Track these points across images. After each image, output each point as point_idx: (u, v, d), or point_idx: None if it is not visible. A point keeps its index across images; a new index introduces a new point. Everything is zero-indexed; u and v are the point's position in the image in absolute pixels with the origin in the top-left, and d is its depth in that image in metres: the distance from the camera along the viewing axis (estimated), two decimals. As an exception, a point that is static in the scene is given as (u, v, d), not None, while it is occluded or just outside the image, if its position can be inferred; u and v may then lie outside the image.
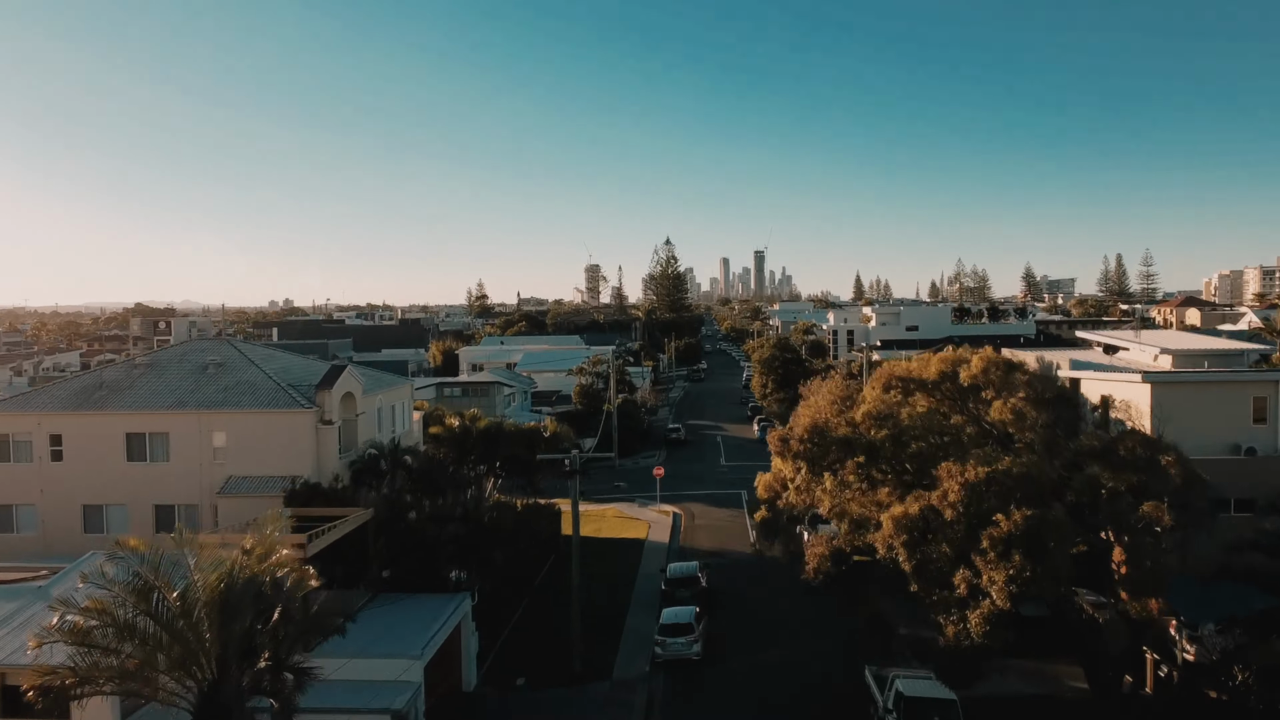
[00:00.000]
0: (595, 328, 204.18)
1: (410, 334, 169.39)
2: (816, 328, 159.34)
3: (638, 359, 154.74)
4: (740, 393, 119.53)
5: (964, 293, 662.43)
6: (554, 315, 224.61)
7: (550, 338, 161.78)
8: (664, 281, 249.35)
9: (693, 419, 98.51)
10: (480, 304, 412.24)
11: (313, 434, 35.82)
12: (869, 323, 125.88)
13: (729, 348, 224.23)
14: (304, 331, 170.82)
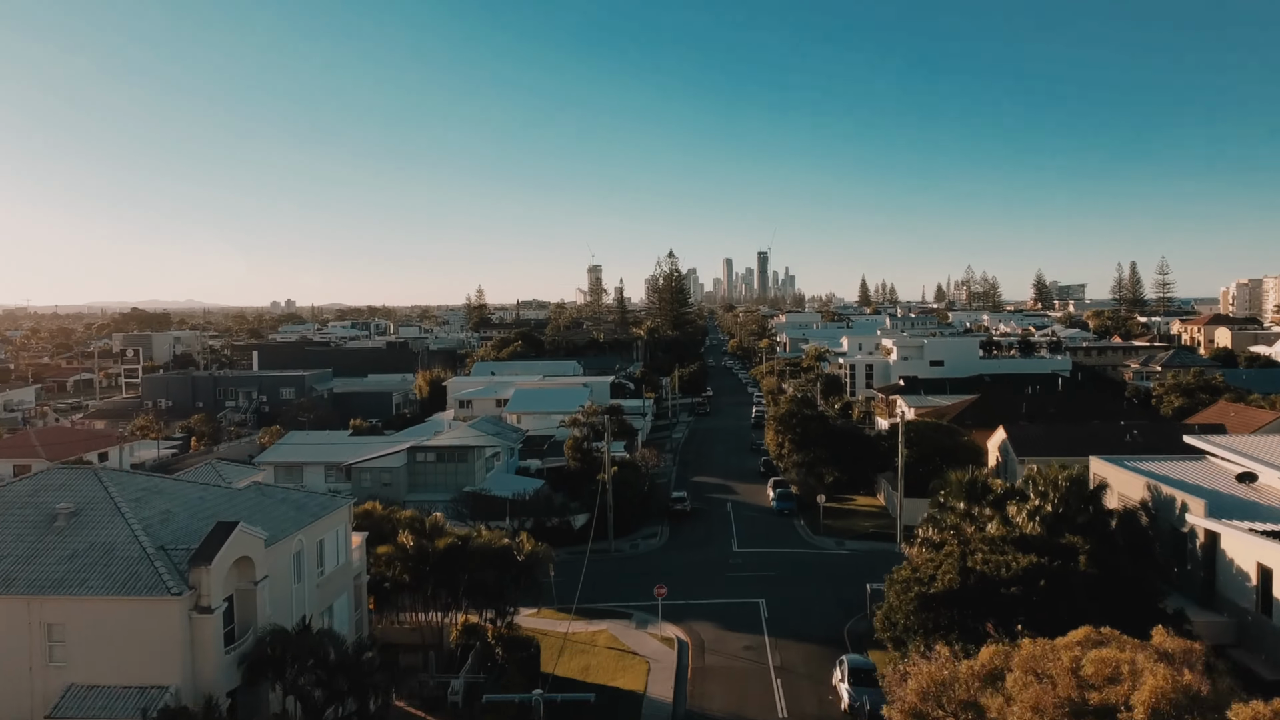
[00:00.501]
0: (595, 348, 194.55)
1: (398, 358, 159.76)
2: (829, 354, 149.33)
3: (639, 387, 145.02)
4: (750, 435, 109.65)
5: (972, 297, 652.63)
6: (552, 332, 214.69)
7: (546, 363, 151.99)
8: (667, 295, 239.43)
9: (699, 472, 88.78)
10: (479, 314, 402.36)
11: (184, 628, 26.03)
12: (889, 355, 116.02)
13: (734, 366, 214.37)
14: (285, 357, 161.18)
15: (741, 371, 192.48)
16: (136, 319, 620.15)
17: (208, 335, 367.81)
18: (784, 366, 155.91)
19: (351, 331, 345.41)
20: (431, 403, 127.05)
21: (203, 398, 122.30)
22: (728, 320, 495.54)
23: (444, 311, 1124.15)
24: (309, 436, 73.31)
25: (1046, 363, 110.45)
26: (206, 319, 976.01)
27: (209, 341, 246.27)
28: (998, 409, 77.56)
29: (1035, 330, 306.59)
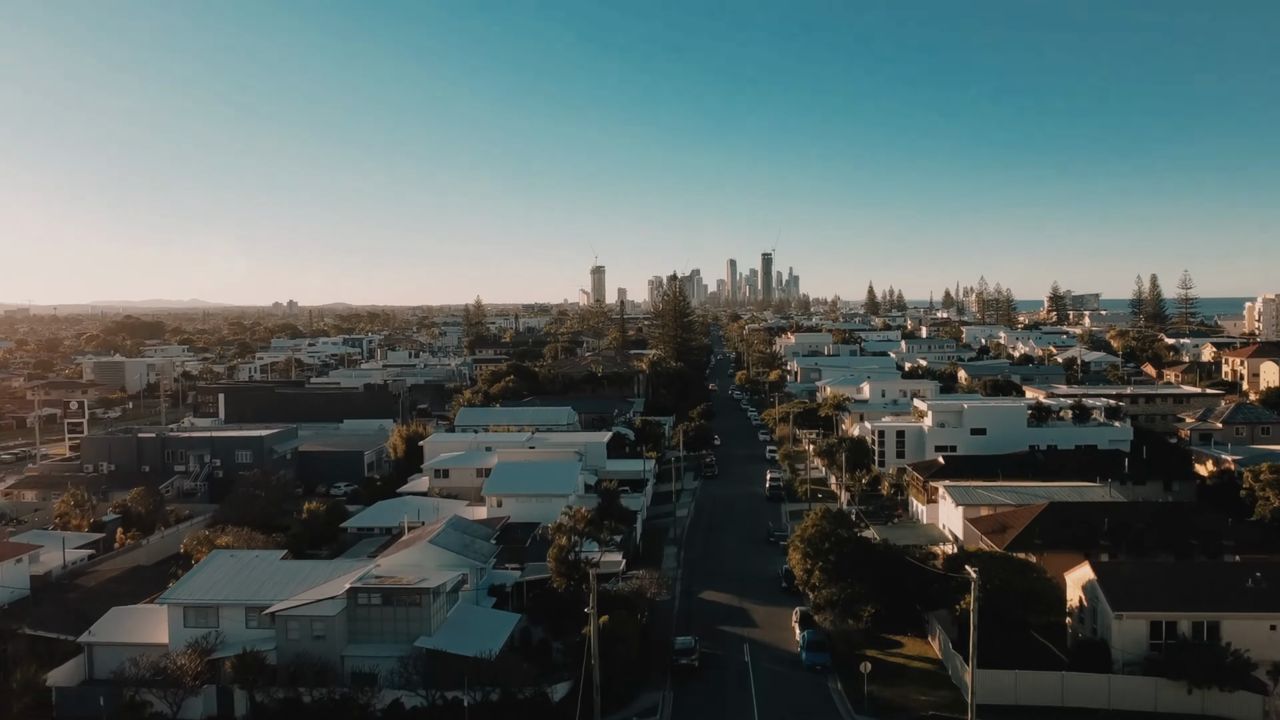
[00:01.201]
0: (592, 382, 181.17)
1: (377, 402, 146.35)
2: (849, 401, 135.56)
3: (639, 438, 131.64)
4: (766, 517, 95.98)
5: (983, 305, 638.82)
6: (550, 358, 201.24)
7: (538, 409, 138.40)
8: (670, 318, 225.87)
9: (708, 582, 75.22)
10: (475, 331, 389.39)
11: None
12: (922, 420, 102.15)
13: (742, 398, 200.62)
14: (253, 403, 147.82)
15: (751, 409, 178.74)
16: (129, 327, 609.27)
17: (188, 356, 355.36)
18: (798, 411, 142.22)
19: (342, 349, 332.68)
20: (408, 462, 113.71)
21: (149, 461, 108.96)
22: (733, 331, 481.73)
23: (445, 315, 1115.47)
24: (234, 561, 60.02)
25: (1104, 431, 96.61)
26: (205, 321, 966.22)
27: (185, 367, 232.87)
28: (1073, 525, 63.91)
29: (1056, 350, 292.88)
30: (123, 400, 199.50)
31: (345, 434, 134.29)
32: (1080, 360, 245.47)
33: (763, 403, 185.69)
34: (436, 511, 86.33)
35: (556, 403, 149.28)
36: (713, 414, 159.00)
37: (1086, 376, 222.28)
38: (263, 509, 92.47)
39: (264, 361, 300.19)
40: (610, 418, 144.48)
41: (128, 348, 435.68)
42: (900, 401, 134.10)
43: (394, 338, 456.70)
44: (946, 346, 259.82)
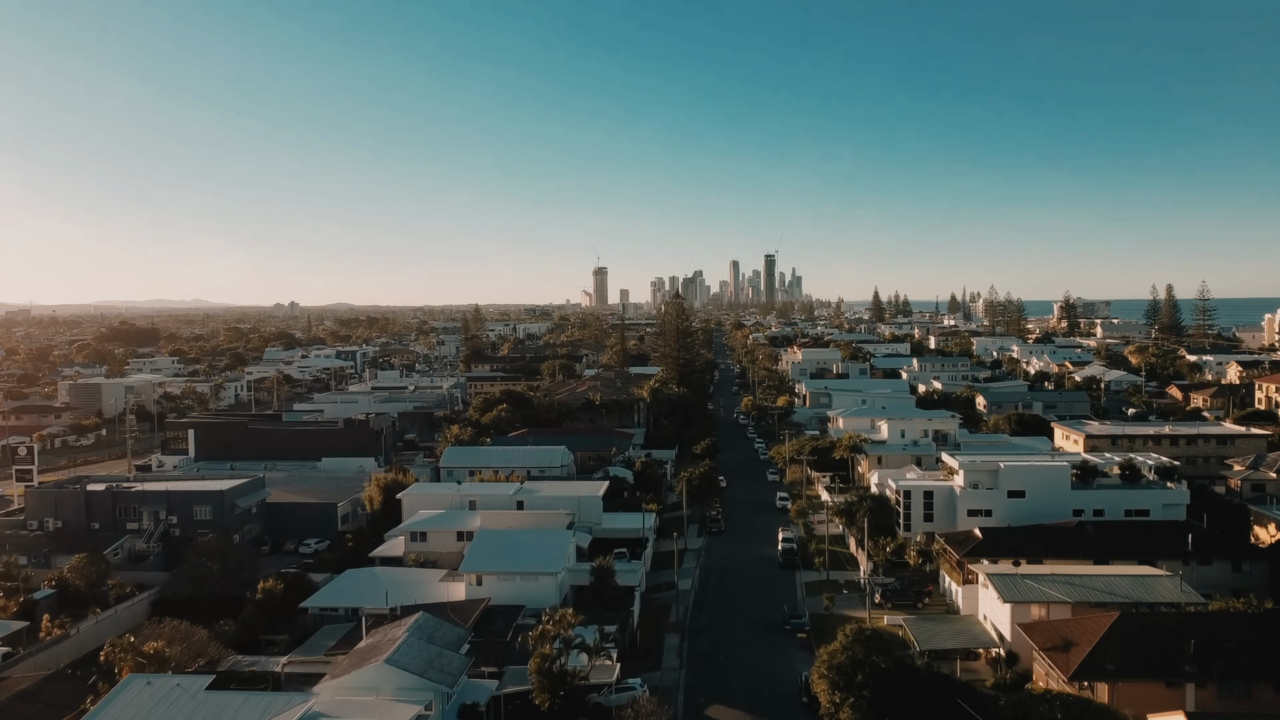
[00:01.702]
0: (589, 411, 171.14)
1: (358, 439, 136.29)
2: (865, 441, 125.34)
3: (638, 482, 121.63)
4: (779, 586, 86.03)
5: (989, 310, 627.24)
6: (547, 383, 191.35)
7: (530, 450, 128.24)
8: (672, 337, 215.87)
9: (716, 690, 65.23)
10: (472, 345, 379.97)
11: None
12: (952, 478, 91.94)
13: (748, 424, 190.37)
14: (225, 440, 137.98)
15: (759, 441, 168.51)
16: (123, 334, 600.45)
17: (178, 368, 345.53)
18: (810, 449, 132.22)
19: (335, 362, 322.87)
20: (385, 514, 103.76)
21: (99, 517, 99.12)
22: (736, 340, 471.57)
23: (446, 316, 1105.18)
24: (150, 692, 50.09)
25: (1157, 494, 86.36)
26: (204, 324, 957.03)
27: (167, 388, 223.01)
28: (1151, 644, 53.78)
29: (1072, 365, 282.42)
30: (97, 426, 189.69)
31: (322, 477, 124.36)
32: (1102, 382, 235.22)
33: (770, 431, 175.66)
34: (409, 589, 76.71)
35: (550, 439, 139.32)
36: (717, 449, 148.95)
37: (1110, 400, 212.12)
38: (215, 582, 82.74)
39: (253, 377, 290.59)
40: (608, 456, 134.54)
41: (119, 358, 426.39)
42: (921, 442, 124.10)
43: (390, 347, 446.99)
44: (959, 364, 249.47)
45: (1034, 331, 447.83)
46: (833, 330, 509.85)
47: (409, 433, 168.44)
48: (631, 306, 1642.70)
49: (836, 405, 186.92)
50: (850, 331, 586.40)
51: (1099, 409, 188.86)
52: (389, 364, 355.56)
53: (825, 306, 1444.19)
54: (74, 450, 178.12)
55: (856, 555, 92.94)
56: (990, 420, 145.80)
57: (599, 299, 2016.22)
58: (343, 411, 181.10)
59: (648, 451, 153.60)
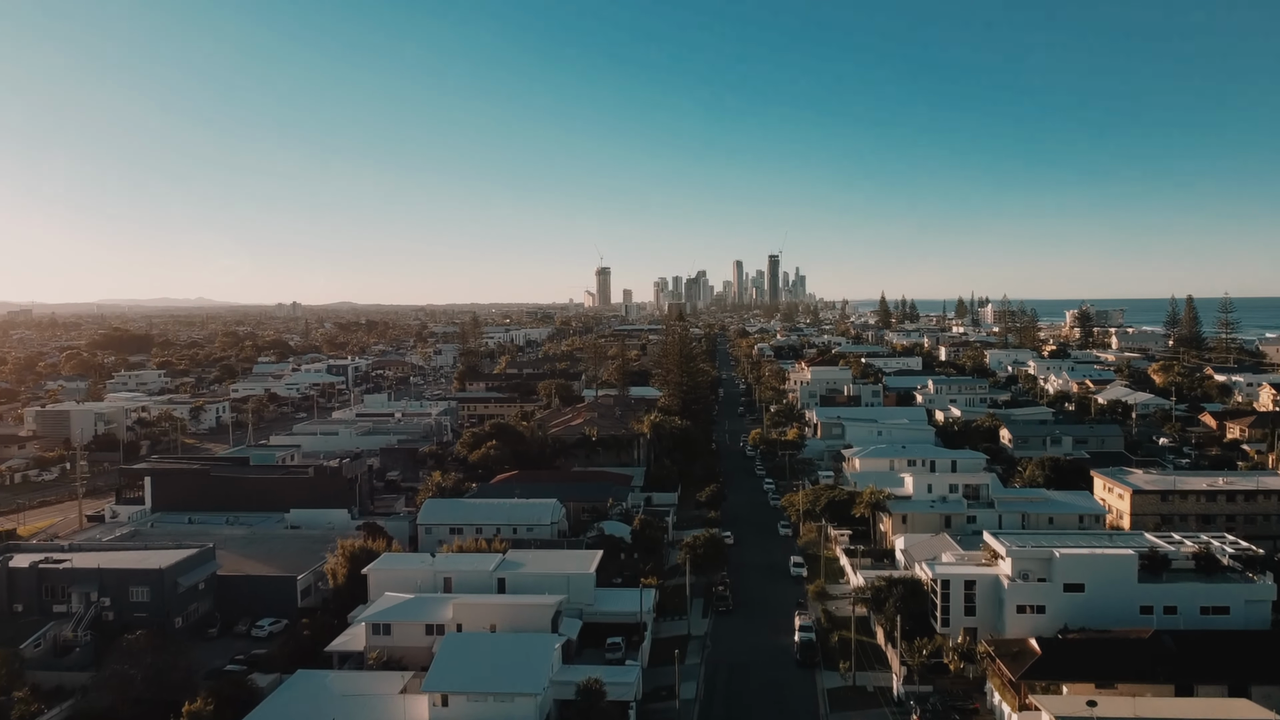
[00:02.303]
0: (585, 447, 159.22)
1: (328, 489, 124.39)
2: (889, 498, 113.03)
3: (636, 543, 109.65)
4: (796, 693, 74.06)
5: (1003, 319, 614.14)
6: (537, 416, 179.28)
7: (516, 505, 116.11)
8: (674, 359, 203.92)
9: None
10: (468, 360, 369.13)
11: None
12: (997, 564, 79.74)
13: (755, 455, 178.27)
14: (184, 489, 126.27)
15: (768, 481, 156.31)
16: (116, 340, 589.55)
17: (163, 382, 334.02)
18: (825, 500, 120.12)
19: (325, 378, 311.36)
20: (350, 591, 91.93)
21: (23, 598, 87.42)
22: (741, 350, 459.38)
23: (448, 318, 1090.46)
24: None
25: (1237, 588, 74.13)
26: (204, 326, 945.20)
27: (142, 412, 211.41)
28: None
29: (1093, 384, 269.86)
30: (61, 459, 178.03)
31: (286, 535, 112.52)
32: (1128, 406, 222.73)
33: (779, 467, 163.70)
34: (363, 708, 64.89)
35: (541, 486, 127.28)
36: (723, 496, 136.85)
37: (1139, 429, 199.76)
38: (145, 686, 71.07)
39: (239, 394, 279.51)
40: (604, 507, 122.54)
41: (107, 368, 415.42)
42: (950, 499, 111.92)
43: (386, 357, 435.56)
44: (977, 386, 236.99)
45: (1048, 342, 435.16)
46: (839, 339, 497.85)
47: (391, 470, 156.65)
48: (635, 307, 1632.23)
49: (850, 436, 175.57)
50: (857, 339, 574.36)
51: (1130, 441, 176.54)
52: (382, 378, 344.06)
53: (830, 309, 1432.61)
54: (34, 487, 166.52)
55: (886, 650, 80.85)
56: (1024, 470, 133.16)
57: (602, 299, 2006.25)
58: (321, 446, 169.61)
59: (648, 495, 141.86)
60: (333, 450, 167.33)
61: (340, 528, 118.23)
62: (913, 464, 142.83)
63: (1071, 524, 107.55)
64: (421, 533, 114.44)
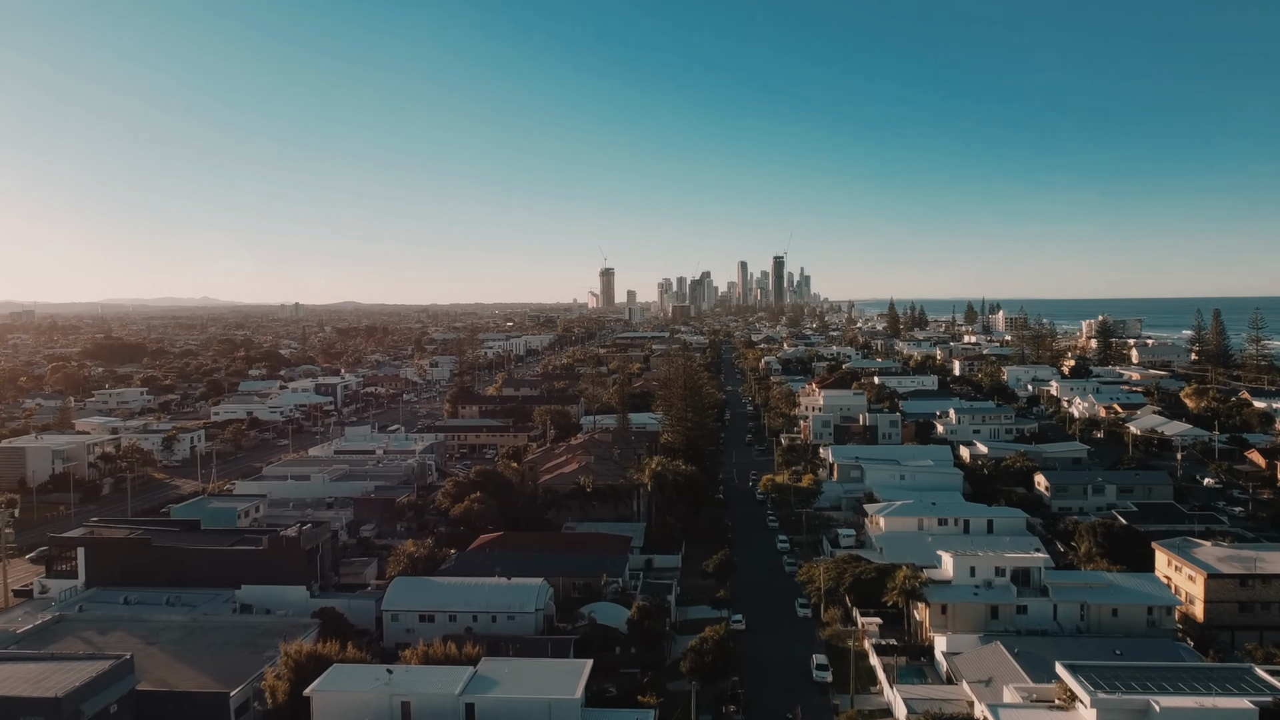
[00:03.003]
0: (579, 499, 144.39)
1: (285, 562, 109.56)
2: (925, 582, 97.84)
3: (630, 639, 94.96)
4: None
5: (1012, 325, 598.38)
6: (526, 467, 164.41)
7: (498, 587, 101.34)
8: (677, 388, 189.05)
9: None
10: (462, 383, 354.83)
11: None
12: (1074, 709, 64.63)
13: (766, 502, 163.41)
14: (121, 563, 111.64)
15: (781, 536, 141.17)
16: (108, 349, 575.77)
17: (145, 401, 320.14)
18: (850, 578, 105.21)
19: (313, 398, 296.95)
20: (292, 712, 77.16)
21: (-105, 731, 72.46)
22: (748, 361, 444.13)
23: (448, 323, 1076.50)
24: None
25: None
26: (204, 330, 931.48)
27: (108, 446, 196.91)
28: None
29: (1122, 409, 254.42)
30: (10, 503, 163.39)
31: (228, 625, 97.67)
32: (1166, 438, 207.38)
33: (794, 520, 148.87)
34: None
35: (526, 558, 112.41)
36: (733, 566, 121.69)
37: (1185, 467, 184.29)
38: None
39: (218, 418, 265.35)
40: (597, 585, 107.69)
41: (94, 380, 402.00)
42: (996, 584, 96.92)
43: (382, 369, 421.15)
44: (1002, 415, 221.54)
45: (1066, 355, 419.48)
46: (848, 350, 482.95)
47: (366, 524, 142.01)
48: (639, 308, 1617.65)
49: (870, 480, 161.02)
50: (865, 347, 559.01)
51: (1178, 487, 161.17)
52: (372, 396, 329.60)
53: (835, 311, 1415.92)
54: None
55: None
56: (1079, 544, 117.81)
57: (605, 300, 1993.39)
58: (291, 493, 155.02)
59: (648, 557, 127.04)
60: (303, 497, 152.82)
61: (296, 608, 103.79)
62: (943, 523, 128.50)
63: (1139, 619, 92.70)
64: (387, 619, 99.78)
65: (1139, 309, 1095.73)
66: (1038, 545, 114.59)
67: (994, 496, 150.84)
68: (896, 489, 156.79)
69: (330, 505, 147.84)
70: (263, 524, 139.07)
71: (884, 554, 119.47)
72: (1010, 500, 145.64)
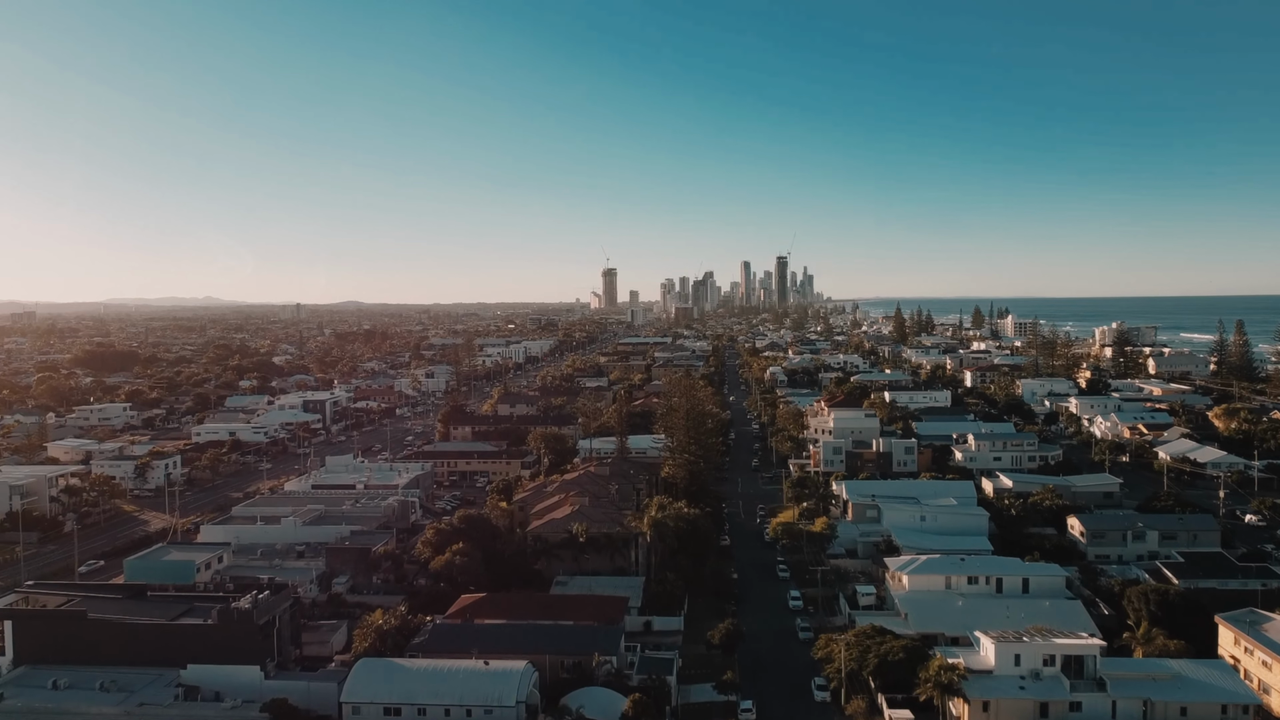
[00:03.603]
0: (572, 548, 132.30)
1: (236, 638, 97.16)
2: (962, 677, 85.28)
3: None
4: None
5: (1022, 331, 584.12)
6: (515, 508, 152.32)
7: (476, 673, 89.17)
8: (680, 422, 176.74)
9: None
10: (454, 398, 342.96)
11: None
12: None
13: (776, 545, 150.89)
14: (61, 638, 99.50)
15: (794, 592, 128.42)
16: (100, 357, 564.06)
17: (128, 415, 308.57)
18: (874, 655, 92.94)
19: (301, 416, 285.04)
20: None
21: None
22: (754, 371, 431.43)
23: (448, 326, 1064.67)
24: None
25: None
26: (203, 332, 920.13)
27: (71, 479, 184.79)
28: None
29: (1147, 429, 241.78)
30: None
31: (171, 718, 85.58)
32: (1198, 465, 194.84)
33: (806, 569, 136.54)
34: None
35: (509, 631, 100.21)
36: (741, 634, 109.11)
37: (1229, 504, 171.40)
38: None
39: (200, 438, 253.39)
40: (589, 665, 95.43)
41: (82, 390, 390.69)
42: (1045, 675, 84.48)
43: (377, 379, 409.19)
44: (1025, 443, 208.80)
45: (1081, 365, 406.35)
46: (855, 359, 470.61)
47: (339, 577, 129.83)
48: (641, 309, 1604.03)
49: (888, 521, 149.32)
50: (872, 353, 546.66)
51: (1224, 531, 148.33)
52: (363, 414, 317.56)
53: (840, 313, 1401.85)
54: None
55: None
56: (1132, 615, 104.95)
57: (608, 300, 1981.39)
58: (261, 538, 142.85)
59: (647, 619, 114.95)
60: (273, 543, 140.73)
61: (248, 692, 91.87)
62: (974, 581, 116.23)
63: (1213, 718, 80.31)
64: (348, 711, 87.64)
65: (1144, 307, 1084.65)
66: (1084, 617, 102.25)
67: (1024, 542, 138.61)
68: (917, 532, 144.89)
69: (301, 553, 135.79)
70: (225, 576, 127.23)
71: (909, 620, 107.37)
72: (1043, 549, 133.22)
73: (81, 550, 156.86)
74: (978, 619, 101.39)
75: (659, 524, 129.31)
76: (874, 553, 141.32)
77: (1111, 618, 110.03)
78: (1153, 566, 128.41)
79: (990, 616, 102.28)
